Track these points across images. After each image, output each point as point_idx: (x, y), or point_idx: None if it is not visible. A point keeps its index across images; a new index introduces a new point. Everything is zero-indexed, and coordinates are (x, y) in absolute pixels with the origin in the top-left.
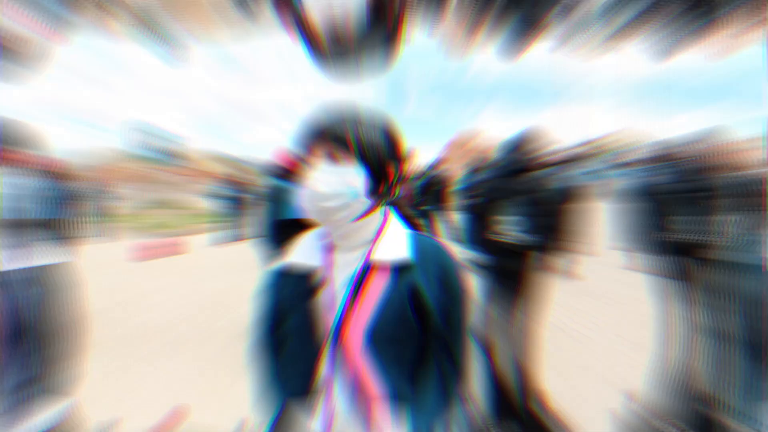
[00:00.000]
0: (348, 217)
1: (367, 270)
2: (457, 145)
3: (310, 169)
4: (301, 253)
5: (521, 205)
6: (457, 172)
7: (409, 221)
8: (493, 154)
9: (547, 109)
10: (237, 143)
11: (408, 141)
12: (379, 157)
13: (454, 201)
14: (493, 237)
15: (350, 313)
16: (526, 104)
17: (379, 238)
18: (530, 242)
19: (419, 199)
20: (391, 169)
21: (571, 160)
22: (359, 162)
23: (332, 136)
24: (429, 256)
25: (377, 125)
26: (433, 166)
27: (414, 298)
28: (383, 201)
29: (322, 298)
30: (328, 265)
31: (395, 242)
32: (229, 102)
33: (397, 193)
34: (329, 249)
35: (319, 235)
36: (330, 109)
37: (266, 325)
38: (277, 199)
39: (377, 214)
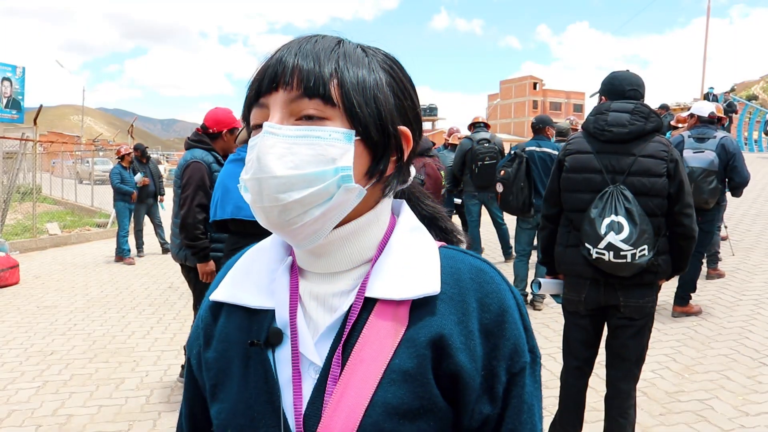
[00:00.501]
0: (326, 220)
1: (360, 314)
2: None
3: (258, 135)
4: (242, 282)
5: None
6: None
7: (434, 224)
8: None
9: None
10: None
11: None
12: (379, 112)
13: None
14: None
15: (331, 394)
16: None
17: (383, 256)
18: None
19: (452, 184)
20: (403, 135)
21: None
22: (349, 121)
23: (301, 79)
24: (468, 289)
25: (376, 60)
26: (479, 128)
27: (439, 361)
28: (388, 189)
29: (280, 364)
30: (291, 305)
31: (411, 264)
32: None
33: (409, 175)
34: (293, 276)
35: (275, 251)
36: (299, 39)
37: (184, 410)
38: (200, 185)
39: (378, 214)
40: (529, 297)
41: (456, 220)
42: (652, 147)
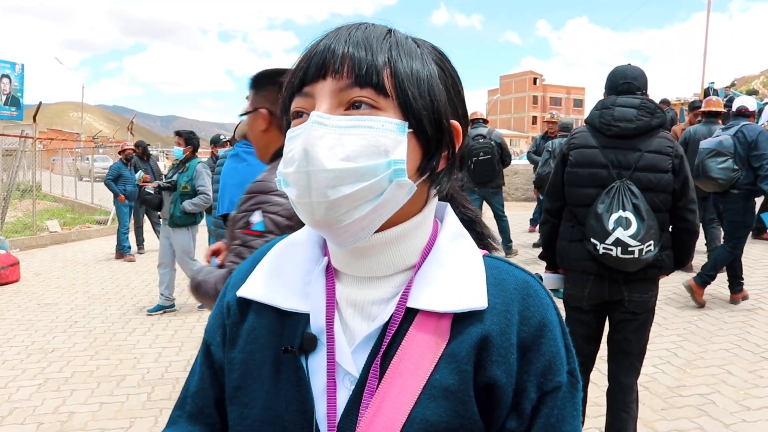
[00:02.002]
0: (375, 217)
1: (400, 325)
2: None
3: (301, 125)
4: (273, 281)
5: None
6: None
7: (471, 228)
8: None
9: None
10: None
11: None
12: (434, 105)
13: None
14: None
15: (367, 407)
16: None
17: (426, 264)
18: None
19: (495, 186)
20: (455, 129)
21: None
22: (402, 113)
23: (352, 67)
24: (512, 300)
25: (427, 51)
26: (478, 124)
27: (476, 374)
28: (439, 187)
29: (313, 372)
30: (328, 311)
31: (456, 275)
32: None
33: (451, 176)
34: (329, 280)
35: (310, 249)
36: (347, 26)
37: (196, 387)
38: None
39: (425, 218)
40: None
41: None
42: (657, 142)
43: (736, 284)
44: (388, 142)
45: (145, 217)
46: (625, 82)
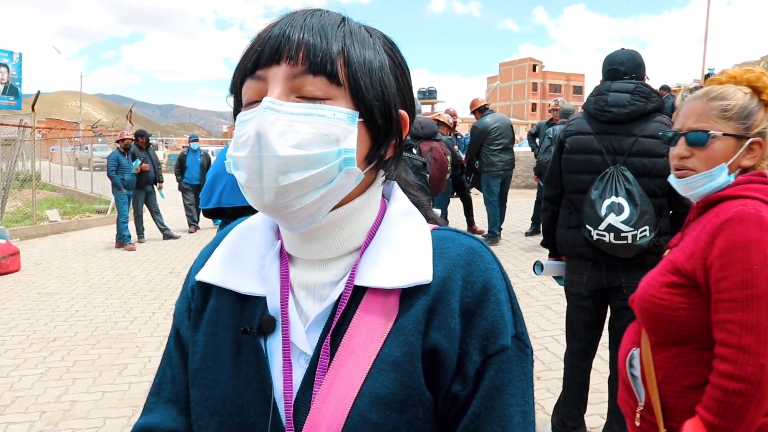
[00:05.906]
0: (323, 203)
1: (351, 303)
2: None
3: (254, 110)
4: (230, 265)
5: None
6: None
7: (424, 216)
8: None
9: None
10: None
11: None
12: (384, 96)
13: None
14: None
15: (320, 384)
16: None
17: (373, 243)
18: None
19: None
20: (402, 119)
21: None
22: (353, 102)
23: (307, 54)
24: (455, 266)
25: (378, 41)
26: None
27: (424, 344)
28: (388, 174)
29: (271, 353)
30: (282, 294)
31: (402, 251)
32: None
33: (398, 164)
34: (283, 264)
35: (264, 233)
36: (302, 12)
37: (167, 375)
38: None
39: (369, 198)
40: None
41: (457, 203)
42: (653, 127)
43: None
44: (338, 131)
45: (145, 206)
46: (612, 68)
